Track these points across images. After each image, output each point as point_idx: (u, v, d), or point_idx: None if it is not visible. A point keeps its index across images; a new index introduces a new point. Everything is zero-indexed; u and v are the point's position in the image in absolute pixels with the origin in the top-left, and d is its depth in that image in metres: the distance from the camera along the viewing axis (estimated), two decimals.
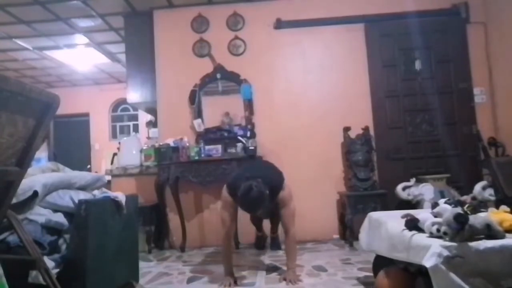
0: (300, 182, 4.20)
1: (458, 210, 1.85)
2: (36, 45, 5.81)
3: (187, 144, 4.14)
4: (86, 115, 8.62)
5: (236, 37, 4.47)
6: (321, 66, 4.42)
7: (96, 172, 6.72)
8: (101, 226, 2.16)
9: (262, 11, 4.46)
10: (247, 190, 2.54)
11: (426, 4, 4.32)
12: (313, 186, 4.20)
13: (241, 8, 4.48)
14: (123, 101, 7.27)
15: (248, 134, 4.25)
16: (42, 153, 6.21)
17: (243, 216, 3.90)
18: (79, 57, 6.47)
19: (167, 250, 4.14)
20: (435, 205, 2.11)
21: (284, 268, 3.07)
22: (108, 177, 3.98)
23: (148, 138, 5.20)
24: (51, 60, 6.57)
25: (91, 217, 2.05)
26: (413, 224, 1.98)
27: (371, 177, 4.02)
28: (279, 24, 4.45)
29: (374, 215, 2.54)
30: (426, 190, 3.71)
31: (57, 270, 1.90)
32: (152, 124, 5.24)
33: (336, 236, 4.16)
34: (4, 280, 1.41)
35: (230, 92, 4.46)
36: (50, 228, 2.06)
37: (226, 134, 4.29)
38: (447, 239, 1.74)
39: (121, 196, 2.37)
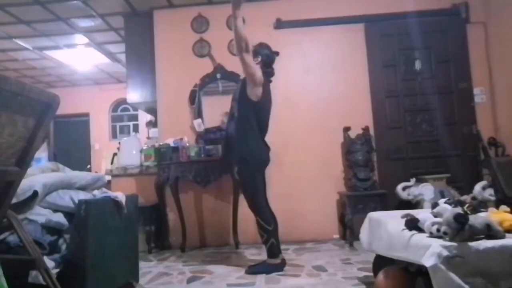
0: (300, 182, 4.21)
1: (458, 210, 1.85)
2: (36, 45, 5.81)
3: (187, 144, 4.14)
4: (86, 115, 8.62)
5: None
6: (321, 66, 4.42)
7: (96, 172, 6.72)
8: (101, 226, 2.16)
9: (262, 11, 4.45)
10: None
11: (426, 4, 4.32)
12: (313, 186, 4.20)
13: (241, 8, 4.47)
14: (123, 101, 7.26)
15: None
16: (42, 153, 6.20)
17: (243, 215, 3.92)
18: (79, 57, 6.47)
19: (167, 250, 4.13)
20: (435, 205, 2.11)
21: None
22: (108, 177, 3.98)
23: (148, 138, 5.20)
24: (51, 60, 6.58)
25: (91, 217, 2.05)
26: (413, 224, 1.98)
27: (371, 177, 4.02)
28: (279, 24, 4.45)
29: (374, 215, 2.54)
30: (426, 190, 3.71)
31: (57, 270, 1.91)
32: (152, 124, 5.24)
33: (336, 236, 4.16)
34: (4, 280, 1.41)
35: (230, 92, 4.42)
36: (50, 228, 2.07)
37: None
38: (447, 239, 1.74)
39: (121, 196, 2.37)
